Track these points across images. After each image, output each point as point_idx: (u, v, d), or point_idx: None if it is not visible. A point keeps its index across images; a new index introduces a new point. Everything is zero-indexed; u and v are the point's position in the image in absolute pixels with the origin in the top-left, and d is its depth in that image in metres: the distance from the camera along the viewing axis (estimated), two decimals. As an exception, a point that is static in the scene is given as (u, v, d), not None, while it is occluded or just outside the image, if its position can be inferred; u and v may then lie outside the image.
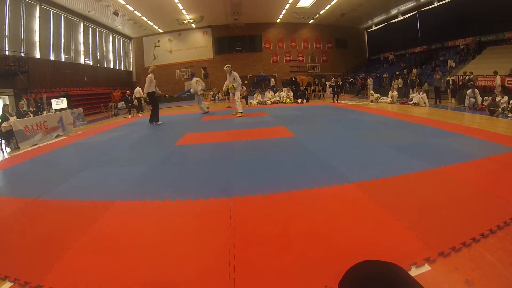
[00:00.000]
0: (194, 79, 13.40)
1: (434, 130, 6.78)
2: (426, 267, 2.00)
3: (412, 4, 24.76)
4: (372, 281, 0.96)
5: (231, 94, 12.44)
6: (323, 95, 18.95)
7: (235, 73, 12.06)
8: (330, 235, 2.50)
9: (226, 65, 12.25)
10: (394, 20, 28.03)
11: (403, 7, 25.70)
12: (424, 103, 12.55)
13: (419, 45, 25.26)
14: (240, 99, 16.09)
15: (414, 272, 1.96)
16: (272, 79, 25.93)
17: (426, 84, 14.61)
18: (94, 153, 6.88)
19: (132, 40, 30.65)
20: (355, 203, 3.11)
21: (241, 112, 11.52)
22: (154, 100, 11.01)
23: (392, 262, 1.01)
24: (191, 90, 14.02)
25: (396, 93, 13.78)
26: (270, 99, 16.78)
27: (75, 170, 5.33)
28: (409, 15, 26.10)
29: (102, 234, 2.86)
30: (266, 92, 17.75)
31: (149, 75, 10.83)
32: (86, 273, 2.24)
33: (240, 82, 12.26)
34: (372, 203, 3.03)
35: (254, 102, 16.78)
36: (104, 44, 26.30)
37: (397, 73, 21.16)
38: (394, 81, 18.90)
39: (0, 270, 2.37)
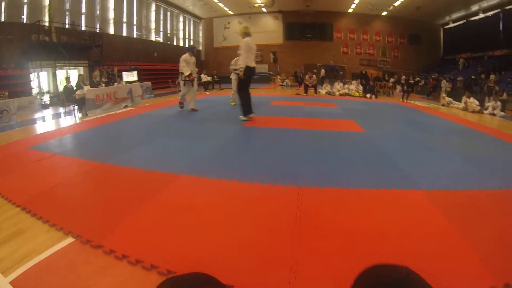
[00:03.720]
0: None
1: (511, 146, 6.21)
2: (490, 296, 1.85)
3: (496, 1, 22.52)
4: (385, 286, 0.91)
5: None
6: (393, 92, 18.57)
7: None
8: (395, 241, 2.42)
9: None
10: (474, 18, 25.72)
11: (485, 4, 23.45)
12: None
13: (500, 48, 22.99)
14: (310, 87, 16.29)
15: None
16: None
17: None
18: (161, 126, 7.23)
19: (202, 20, 31.57)
20: (422, 211, 2.98)
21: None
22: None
23: (406, 266, 0.93)
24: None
25: (472, 99, 13.01)
26: (339, 90, 16.79)
27: (141, 141, 5.68)
28: (491, 13, 23.66)
29: (165, 205, 2.94)
30: (336, 83, 17.74)
31: (246, 39, 7.19)
32: (145, 241, 2.34)
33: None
34: (440, 215, 2.87)
35: (323, 92, 16.94)
36: (174, 23, 27.49)
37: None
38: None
39: (64, 225, 2.54)
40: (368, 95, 15.98)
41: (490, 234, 2.55)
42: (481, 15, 25.04)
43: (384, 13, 27.91)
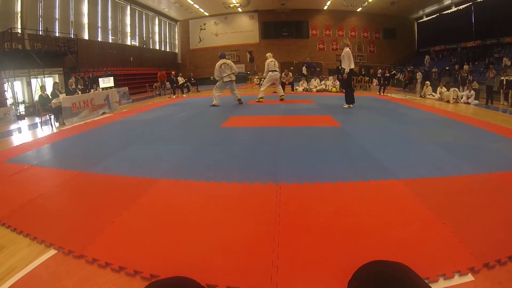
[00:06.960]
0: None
1: (485, 133, 6.35)
2: (470, 277, 1.93)
3: (468, -6, 23.14)
4: (381, 282, 0.95)
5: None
6: (369, 86, 18.89)
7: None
8: (375, 230, 2.46)
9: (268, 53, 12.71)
10: (447, 11, 26.37)
11: (457, -3, 24.16)
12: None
13: (473, 40, 23.64)
14: (286, 85, 16.41)
15: (457, 280, 1.91)
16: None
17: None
18: (139, 131, 7.15)
19: (178, 22, 31.40)
20: (401, 201, 3.03)
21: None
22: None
23: (401, 263, 0.98)
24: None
25: (445, 89, 13.35)
26: (316, 86, 16.96)
27: (120, 147, 5.60)
28: (463, 6, 24.30)
29: (145, 210, 2.95)
30: (312, 80, 17.98)
31: (347, 49, 10.24)
32: (128, 247, 2.34)
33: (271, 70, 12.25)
34: (418, 202, 2.93)
35: (300, 89, 17.13)
36: (150, 26, 27.27)
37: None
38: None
39: (45, 238, 2.50)
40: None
41: (468, 218, 2.65)
42: (454, 9, 25.62)
43: (359, 9, 28.33)
